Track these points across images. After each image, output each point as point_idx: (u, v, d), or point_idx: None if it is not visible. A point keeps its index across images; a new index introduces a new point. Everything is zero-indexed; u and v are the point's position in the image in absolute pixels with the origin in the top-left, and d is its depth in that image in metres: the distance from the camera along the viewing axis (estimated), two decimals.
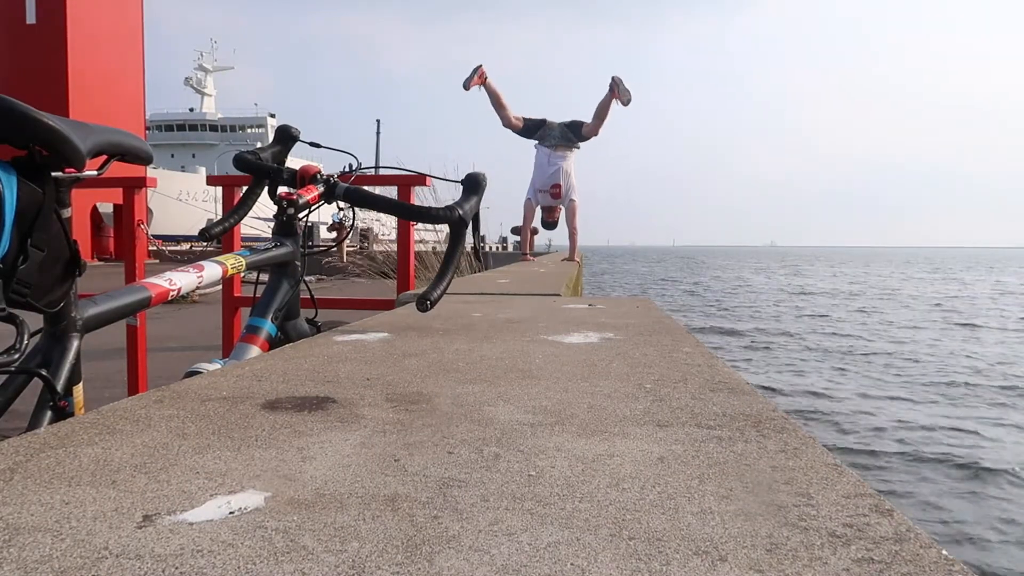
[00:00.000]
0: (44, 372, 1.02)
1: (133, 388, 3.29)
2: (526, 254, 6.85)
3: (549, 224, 6.68)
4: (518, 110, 6.41)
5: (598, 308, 2.11)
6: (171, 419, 0.82)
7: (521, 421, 0.82)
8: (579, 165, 6.43)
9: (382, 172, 3.10)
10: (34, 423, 1.00)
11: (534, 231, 6.83)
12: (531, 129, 6.39)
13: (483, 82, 6.05)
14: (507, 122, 6.33)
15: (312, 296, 1.83)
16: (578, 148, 6.37)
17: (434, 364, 1.18)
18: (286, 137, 1.74)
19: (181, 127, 52.89)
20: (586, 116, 6.26)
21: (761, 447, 0.72)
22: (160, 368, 4.01)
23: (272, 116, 54.55)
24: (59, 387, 1.03)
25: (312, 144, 1.83)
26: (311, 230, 1.83)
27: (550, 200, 6.27)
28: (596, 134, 6.29)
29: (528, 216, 6.49)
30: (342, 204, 1.74)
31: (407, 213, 1.77)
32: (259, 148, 1.67)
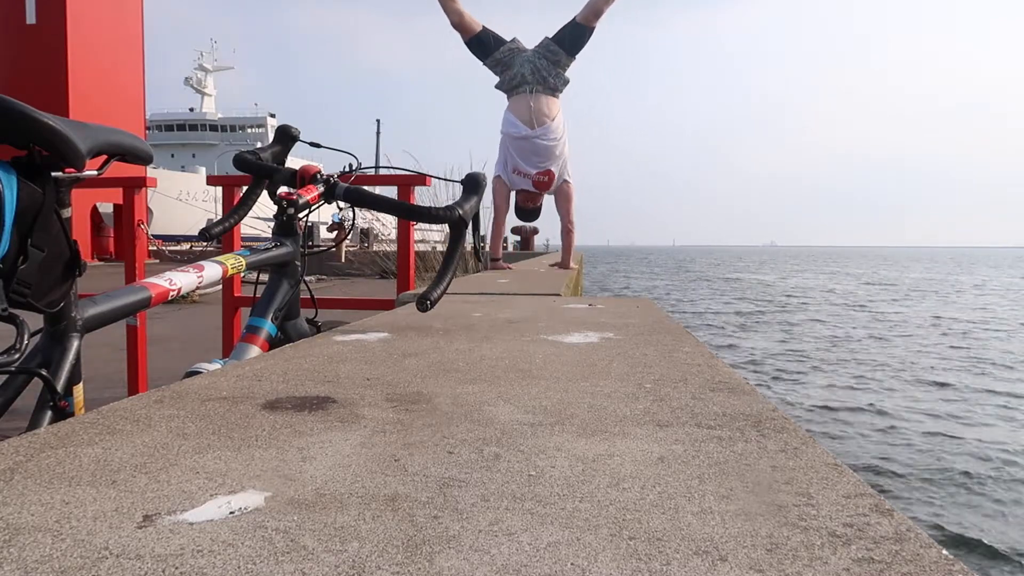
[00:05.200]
0: (44, 372, 1.02)
1: (133, 388, 3.29)
2: (497, 259, 4.59)
3: (528, 213, 4.60)
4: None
5: (598, 308, 2.11)
6: (171, 419, 0.82)
7: (521, 421, 0.82)
8: (574, 157, 4.48)
9: (382, 172, 3.10)
10: (34, 423, 1.01)
11: (533, 231, 6.03)
12: (485, 45, 4.29)
13: None
14: (456, 20, 4.24)
15: (312, 296, 1.83)
16: (566, 81, 4.28)
17: (434, 364, 1.18)
18: (286, 137, 1.74)
19: (181, 127, 52.91)
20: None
21: (761, 447, 0.72)
22: (160, 368, 4.01)
23: (272, 116, 54.58)
24: (59, 387, 1.03)
25: (312, 144, 1.83)
26: (311, 230, 1.83)
27: (531, 186, 4.35)
28: (606, 9, 4.10)
29: (500, 205, 4.44)
30: (342, 204, 1.74)
31: (407, 213, 1.77)
32: (259, 148, 1.67)
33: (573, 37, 4.21)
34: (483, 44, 4.30)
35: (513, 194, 4.46)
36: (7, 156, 0.93)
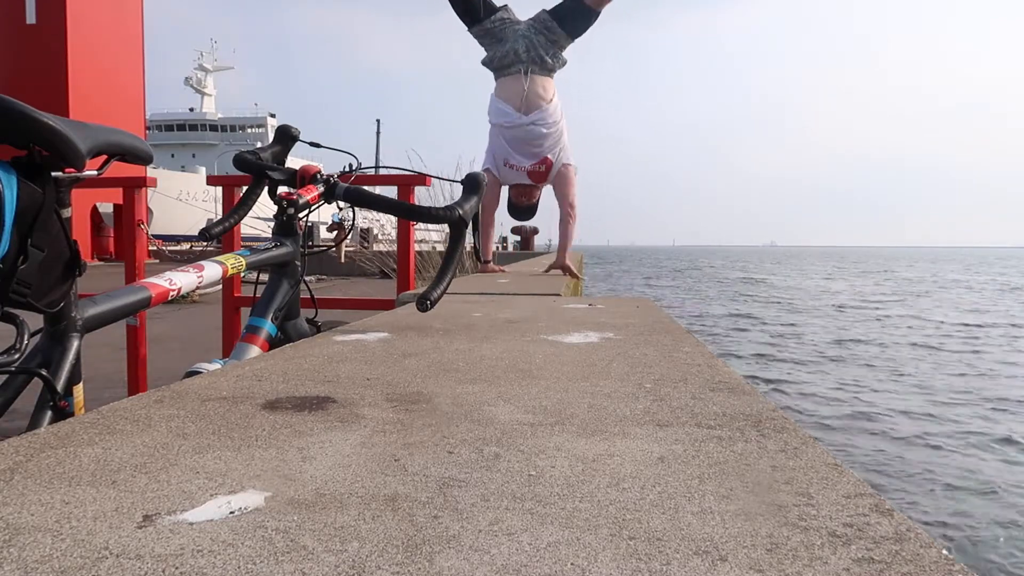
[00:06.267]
0: (44, 372, 1.02)
1: (133, 388, 3.29)
2: (488, 261, 4.01)
3: (523, 211, 4.05)
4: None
5: (598, 308, 2.11)
6: (171, 419, 0.82)
7: (521, 421, 0.82)
8: (575, 155, 3.89)
9: (382, 172, 3.10)
10: (34, 423, 1.01)
11: (534, 231, 5.55)
12: (473, 8, 3.76)
13: None
14: None
15: (312, 296, 1.83)
16: (564, 62, 3.80)
17: (434, 364, 1.18)
18: (286, 137, 1.74)
19: (181, 127, 52.94)
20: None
21: (761, 447, 0.72)
22: (160, 368, 4.01)
23: (272, 116, 54.60)
24: (59, 387, 1.03)
25: (312, 144, 1.83)
26: (311, 230, 1.84)
27: (526, 179, 3.82)
28: None
29: (489, 201, 3.85)
30: (342, 204, 1.74)
31: (407, 213, 1.77)
32: (259, 148, 1.67)
33: (575, 19, 3.68)
34: (471, 6, 3.76)
35: (506, 189, 3.95)
36: (7, 156, 0.93)
